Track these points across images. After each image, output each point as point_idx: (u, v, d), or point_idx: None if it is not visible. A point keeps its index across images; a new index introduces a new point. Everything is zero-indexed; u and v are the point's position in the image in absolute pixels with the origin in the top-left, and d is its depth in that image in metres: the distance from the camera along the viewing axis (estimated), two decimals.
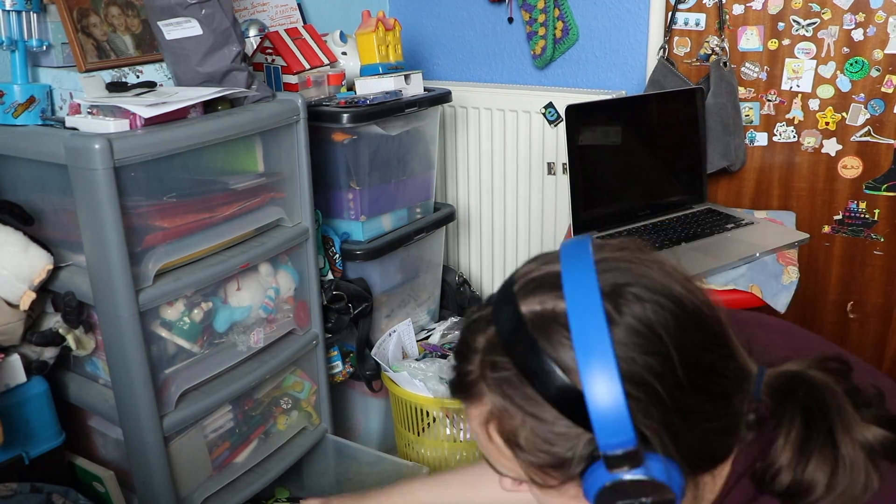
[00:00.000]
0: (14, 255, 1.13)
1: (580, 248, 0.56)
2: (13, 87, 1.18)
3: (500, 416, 0.56)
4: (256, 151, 1.35)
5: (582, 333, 0.51)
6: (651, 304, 0.54)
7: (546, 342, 0.53)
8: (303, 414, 1.54)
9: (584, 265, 0.54)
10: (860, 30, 1.68)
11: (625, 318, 0.53)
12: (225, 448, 1.37)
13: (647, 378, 0.52)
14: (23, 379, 1.18)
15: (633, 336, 0.52)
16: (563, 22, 1.98)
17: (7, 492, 1.09)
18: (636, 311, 0.53)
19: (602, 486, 0.53)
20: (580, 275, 0.54)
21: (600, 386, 0.50)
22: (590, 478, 0.53)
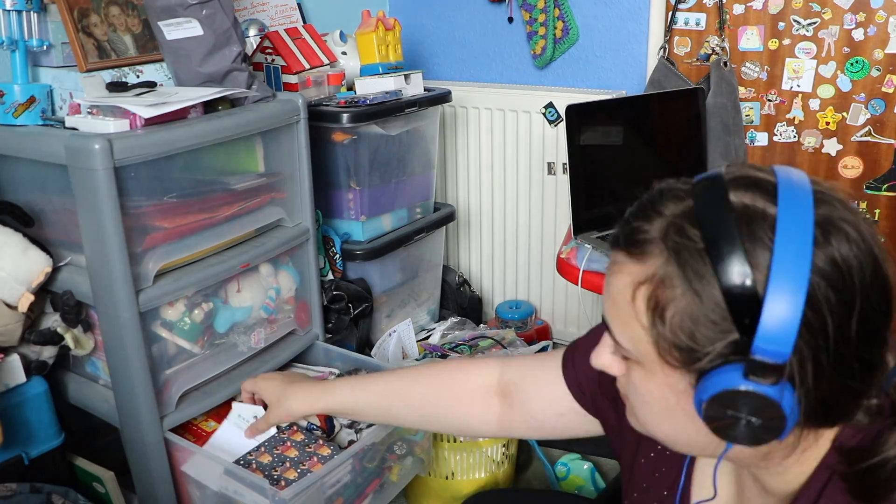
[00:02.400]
0: (13, 257, 1.13)
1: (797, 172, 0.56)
2: (13, 87, 1.18)
3: (661, 282, 0.55)
4: (257, 151, 1.35)
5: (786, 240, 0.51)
6: (856, 247, 0.53)
7: (746, 233, 0.52)
8: (416, 460, 1.40)
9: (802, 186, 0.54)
10: (861, 29, 1.68)
11: (829, 249, 0.52)
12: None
13: (824, 310, 0.51)
14: (22, 379, 1.18)
15: (830, 266, 0.52)
16: (564, 22, 1.98)
17: (7, 492, 1.09)
18: (842, 247, 0.53)
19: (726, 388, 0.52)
20: (797, 192, 0.53)
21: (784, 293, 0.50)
22: (716, 376, 0.53)
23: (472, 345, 1.73)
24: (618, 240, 0.60)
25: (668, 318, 0.55)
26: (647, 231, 0.57)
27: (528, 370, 0.90)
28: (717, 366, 0.53)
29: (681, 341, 0.55)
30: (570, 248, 1.52)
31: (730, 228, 0.53)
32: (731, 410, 0.53)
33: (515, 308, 2.11)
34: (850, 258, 0.53)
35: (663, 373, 0.57)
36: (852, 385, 0.55)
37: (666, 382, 0.58)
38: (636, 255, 0.57)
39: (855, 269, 0.53)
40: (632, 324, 0.58)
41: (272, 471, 1.20)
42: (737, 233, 0.52)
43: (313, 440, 1.28)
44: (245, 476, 1.13)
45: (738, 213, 0.53)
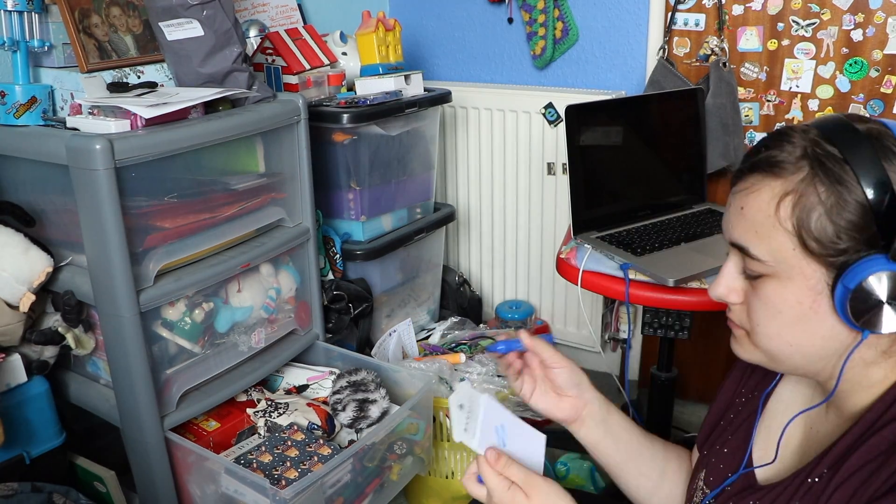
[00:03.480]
0: (14, 258, 1.13)
1: None
2: (15, 88, 1.18)
3: (805, 191, 0.62)
4: (257, 152, 1.35)
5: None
6: None
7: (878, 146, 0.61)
8: (416, 460, 1.41)
9: None
10: (859, 30, 1.68)
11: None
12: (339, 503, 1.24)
13: None
14: (23, 379, 1.18)
15: None
16: (563, 22, 1.98)
17: (8, 491, 1.09)
18: None
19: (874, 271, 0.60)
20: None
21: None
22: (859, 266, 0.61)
23: (472, 345, 1.73)
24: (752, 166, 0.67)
25: (813, 219, 0.62)
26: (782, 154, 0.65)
27: None
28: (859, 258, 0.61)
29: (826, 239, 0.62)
30: (570, 248, 1.52)
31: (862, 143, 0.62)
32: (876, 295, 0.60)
33: (515, 308, 2.11)
34: None
35: (802, 275, 0.64)
36: None
37: (805, 285, 0.64)
38: (775, 173, 0.65)
39: None
40: (775, 234, 0.64)
41: (273, 470, 1.20)
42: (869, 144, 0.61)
43: (314, 440, 1.28)
44: (246, 475, 1.14)
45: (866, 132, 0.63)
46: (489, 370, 1.55)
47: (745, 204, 0.67)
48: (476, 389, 0.82)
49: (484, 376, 1.52)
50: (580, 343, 2.15)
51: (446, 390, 1.52)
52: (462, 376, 1.53)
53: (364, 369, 1.41)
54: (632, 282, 1.38)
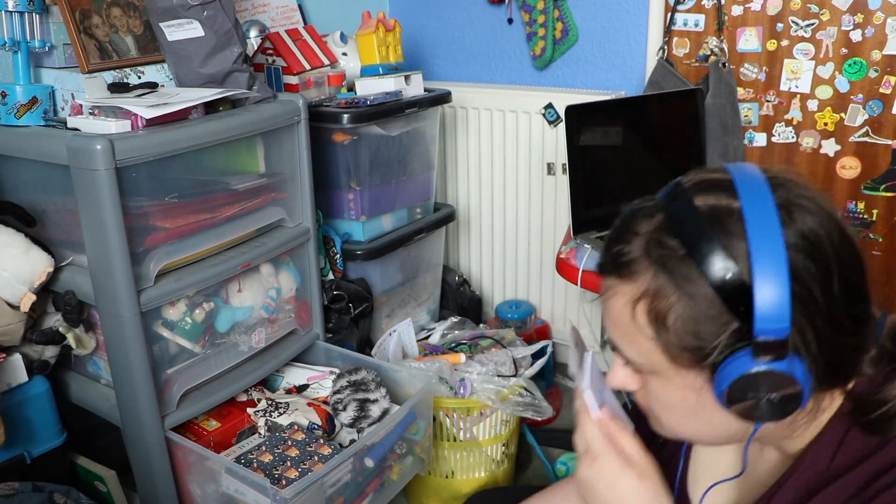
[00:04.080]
0: (15, 258, 1.13)
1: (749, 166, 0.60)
2: (16, 88, 1.18)
3: (655, 294, 0.59)
4: (257, 152, 1.35)
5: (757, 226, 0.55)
6: (819, 218, 0.57)
7: (720, 230, 0.56)
8: (416, 460, 1.42)
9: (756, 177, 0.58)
10: (858, 31, 1.69)
11: (795, 225, 0.57)
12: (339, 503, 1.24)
13: (808, 280, 0.55)
14: (24, 378, 1.19)
15: (801, 240, 0.56)
16: (563, 23, 1.99)
17: (9, 491, 1.10)
18: (807, 220, 0.57)
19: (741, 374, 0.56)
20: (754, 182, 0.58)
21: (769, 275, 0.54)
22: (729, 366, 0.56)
23: (472, 344, 1.73)
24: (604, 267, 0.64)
25: (669, 324, 0.58)
26: (629, 252, 0.61)
27: None
28: (727, 356, 0.57)
29: (688, 343, 0.58)
30: (570, 248, 1.52)
31: (704, 229, 0.57)
32: (751, 393, 0.56)
33: (515, 308, 2.12)
34: (815, 229, 0.57)
35: (679, 375, 0.61)
36: (850, 341, 0.59)
37: (683, 384, 0.61)
38: (625, 277, 0.61)
39: (823, 236, 0.57)
40: (638, 339, 0.61)
41: (273, 470, 1.21)
42: (711, 231, 0.56)
43: (314, 439, 1.28)
44: (246, 475, 1.14)
45: (708, 214, 0.57)
46: (489, 370, 1.55)
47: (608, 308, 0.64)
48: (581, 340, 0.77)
49: (484, 376, 1.53)
50: None
51: (446, 390, 1.52)
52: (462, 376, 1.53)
53: (364, 369, 1.41)
54: None
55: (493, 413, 1.53)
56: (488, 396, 1.48)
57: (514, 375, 1.55)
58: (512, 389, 1.49)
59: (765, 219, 0.55)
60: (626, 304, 0.61)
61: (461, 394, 1.51)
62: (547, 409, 1.49)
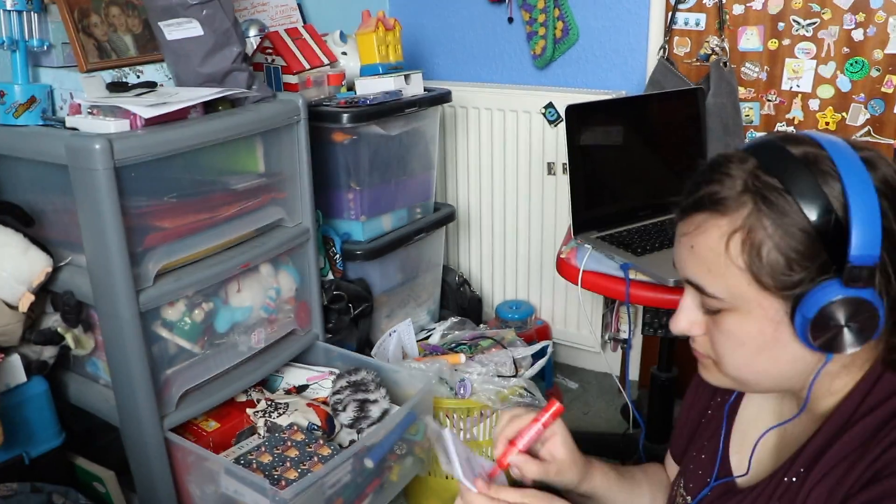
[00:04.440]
0: (13, 258, 1.13)
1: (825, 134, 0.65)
2: (14, 87, 1.18)
3: (752, 226, 0.62)
4: (257, 152, 1.35)
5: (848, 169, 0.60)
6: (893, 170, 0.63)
7: (815, 170, 0.61)
8: (416, 460, 1.42)
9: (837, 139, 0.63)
10: (860, 30, 1.68)
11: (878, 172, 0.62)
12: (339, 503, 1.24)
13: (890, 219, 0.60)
14: (23, 379, 1.18)
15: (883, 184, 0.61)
16: (563, 22, 1.98)
17: (7, 492, 1.09)
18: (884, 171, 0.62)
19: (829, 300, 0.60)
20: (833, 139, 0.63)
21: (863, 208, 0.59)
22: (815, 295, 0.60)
23: (472, 345, 1.73)
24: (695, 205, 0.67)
25: (764, 254, 0.62)
26: (722, 190, 0.64)
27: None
28: (814, 286, 0.61)
29: (779, 272, 0.61)
30: (570, 248, 1.52)
31: (801, 169, 0.61)
32: (834, 320, 0.60)
33: (515, 308, 2.11)
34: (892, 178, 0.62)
35: (761, 308, 0.64)
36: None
37: (764, 317, 0.64)
38: (720, 211, 0.64)
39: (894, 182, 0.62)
40: (728, 272, 0.64)
41: (273, 470, 1.20)
42: (808, 170, 0.61)
43: (314, 440, 1.28)
44: (246, 476, 1.13)
45: (802, 157, 0.62)
46: (489, 370, 1.55)
47: (695, 243, 0.66)
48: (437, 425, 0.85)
49: (484, 376, 1.52)
50: (580, 343, 2.15)
51: (446, 390, 1.52)
52: (462, 376, 1.53)
53: (364, 369, 1.40)
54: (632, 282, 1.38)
55: (494, 413, 1.53)
56: (488, 397, 1.48)
57: (514, 376, 1.55)
58: (512, 390, 1.49)
59: (853, 164, 0.60)
60: (721, 237, 0.64)
61: (461, 394, 1.51)
62: None
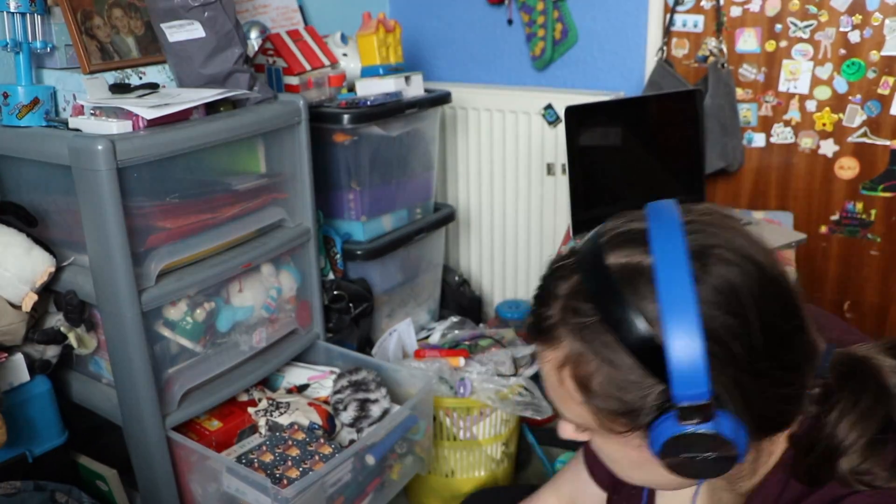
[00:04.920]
0: (17, 257, 1.14)
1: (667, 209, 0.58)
2: (17, 89, 1.19)
3: (577, 360, 0.58)
4: (258, 152, 1.36)
5: (668, 287, 0.53)
6: (736, 267, 0.55)
7: (631, 293, 0.55)
8: (416, 459, 1.43)
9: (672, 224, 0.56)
10: (857, 32, 1.69)
11: (710, 278, 0.54)
12: (340, 502, 1.25)
13: (726, 337, 0.53)
14: (26, 378, 1.19)
15: (716, 295, 0.54)
16: (563, 24, 1.99)
17: (11, 490, 1.10)
18: (721, 272, 0.55)
19: (670, 436, 0.54)
20: (668, 233, 0.55)
21: (681, 338, 0.52)
22: (657, 428, 0.55)
23: (472, 345, 1.74)
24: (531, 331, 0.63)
25: (595, 390, 0.57)
26: (550, 317, 0.60)
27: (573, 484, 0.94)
28: (656, 417, 0.56)
29: (615, 407, 0.57)
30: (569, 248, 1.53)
31: (615, 293, 0.55)
32: (685, 453, 0.55)
33: (515, 308, 2.12)
34: (732, 279, 0.55)
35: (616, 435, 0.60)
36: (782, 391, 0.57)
37: (621, 443, 0.60)
38: (549, 342, 0.60)
39: (741, 286, 0.55)
40: (569, 402, 0.61)
41: (274, 469, 1.21)
42: (622, 295, 0.55)
43: (315, 439, 1.29)
44: (247, 475, 1.14)
45: (619, 276, 0.56)
46: (489, 369, 1.56)
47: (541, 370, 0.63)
48: None
49: (484, 376, 1.53)
50: None
51: (446, 390, 1.52)
52: (462, 375, 1.54)
53: (365, 369, 1.41)
54: None
55: (493, 412, 1.53)
56: (488, 396, 1.49)
57: (513, 375, 1.56)
58: (512, 389, 1.50)
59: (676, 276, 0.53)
60: (553, 369, 0.60)
61: (461, 393, 1.51)
62: (547, 408, 1.49)
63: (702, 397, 0.52)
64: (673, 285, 0.53)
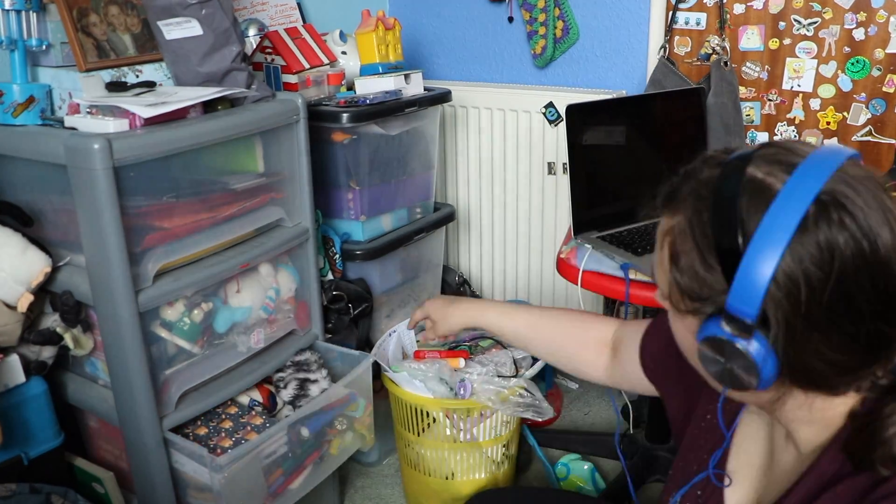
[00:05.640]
0: (12, 258, 1.13)
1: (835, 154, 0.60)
2: (12, 87, 1.17)
3: (679, 235, 0.63)
4: (256, 151, 1.35)
5: (775, 217, 0.56)
6: (850, 236, 0.56)
7: (747, 202, 0.58)
8: (357, 435, 1.48)
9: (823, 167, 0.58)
10: (861, 29, 1.68)
11: (816, 231, 0.56)
12: (279, 475, 1.30)
13: (799, 280, 0.56)
14: (22, 379, 1.18)
15: (812, 247, 0.56)
16: (564, 21, 1.98)
17: (6, 492, 1.09)
18: (832, 233, 0.56)
19: (709, 335, 0.60)
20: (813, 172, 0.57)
21: (758, 259, 0.56)
22: (706, 323, 0.61)
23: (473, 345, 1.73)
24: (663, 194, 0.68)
25: (681, 266, 0.63)
26: (681, 190, 0.65)
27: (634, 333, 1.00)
28: (711, 314, 0.61)
29: (690, 287, 0.62)
30: (570, 248, 1.52)
31: (734, 197, 0.59)
32: (717, 355, 0.61)
33: None
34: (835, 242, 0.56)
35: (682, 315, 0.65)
36: (835, 356, 0.59)
37: (684, 323, 0.66)
38: (669, 209, 0.65)
39: (839, 250, 0.56)
40: (661, 267, 0.66)
41: (208, 441, 1.24)
42: (738, 201, 0.58)
43: (247, 412, 1.32)
44: (185, 445, 1.17)
45: (747, 185, 0.59)
46: (489, 370, 1.54)
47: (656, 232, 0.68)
48: None
49: (484, 376, 1.52)
50: None
51: (446, 390, 1.51)
52: (462, 377, 1.53)
53: (310, 351, 1.46)
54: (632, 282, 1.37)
55: (494, 414, 1.52)
56: (488, 397, 1.47)
57: (514, 376, 1.55)
58: (512, 390, 1.49)
59: (788, 212, 0.56)
60: (662, 233, 0.66)
61: (461, 394, 1.50)
62: (547, 409, 1.48)
63: (748, 315, 0.57)
64: (780, 217, 0.56)
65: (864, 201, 0.57)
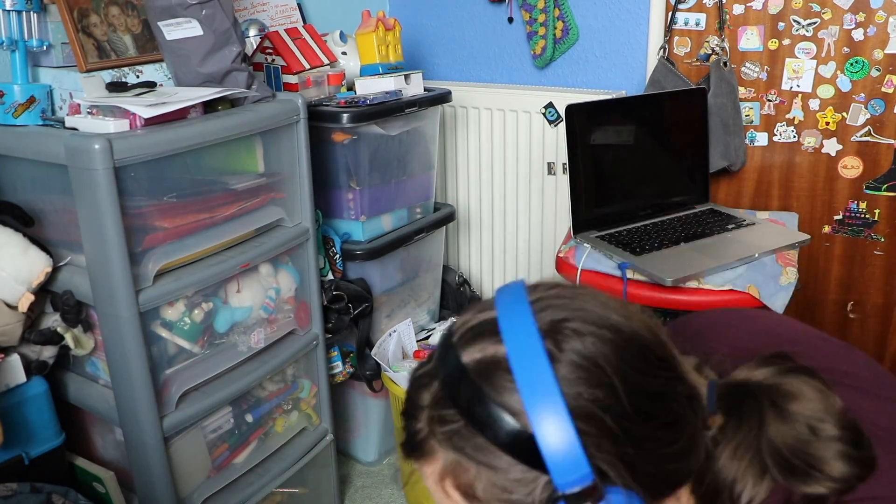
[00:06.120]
0: (13, 258, 1.13)
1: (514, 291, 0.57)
2: (13, 87, 1.18)
3: (455, 470, 0.55)
4: (256, 151, 1.35)
5: (525, 375, 0.51)
6: (590, 336, 0.54)
7: (490, 388, 0.53)
8: (302, 415, 1.54)
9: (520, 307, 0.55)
10: (860, 30, 1.68)
11: (566, 354, 0.53)
12: (224, 449, 1.37)
13: (595, 411, 0.51)
14: (22, 379, 1.18)
15: (576, 371, 0.52)
16: (564, 22, 1.98)
17: (7, 492, 1.09)
18: (576, 345, 0.53)
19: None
20: (517, 317, 0.54)
21: (550, 425, 0.50)
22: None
23: None
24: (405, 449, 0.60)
25: (482, 496, 0.54)
26: (419, 431, 0.57)
27: None
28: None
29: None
30: (569, 248, 1.52)
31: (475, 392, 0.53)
32: None
33: None
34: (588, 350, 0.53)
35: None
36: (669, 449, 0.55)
37: None
38: (424, 457, 0.58)
39: (598, 355, 0.53)
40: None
41: None
42: (482, 393, 0.52)
43: None
44: None
45: (476, 373, 0.54)
46: None
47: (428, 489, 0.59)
48: None
49: None
50: None
51: None
52: None
53: None
54: (630, 281, 1.38)
55: None
56: None
57: None
58: None
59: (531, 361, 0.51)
60: (435, 484, 0.57)
61: None
62: None
63: (586, 480, 0.50)
64: (529, 371, 0.51)
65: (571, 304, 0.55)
